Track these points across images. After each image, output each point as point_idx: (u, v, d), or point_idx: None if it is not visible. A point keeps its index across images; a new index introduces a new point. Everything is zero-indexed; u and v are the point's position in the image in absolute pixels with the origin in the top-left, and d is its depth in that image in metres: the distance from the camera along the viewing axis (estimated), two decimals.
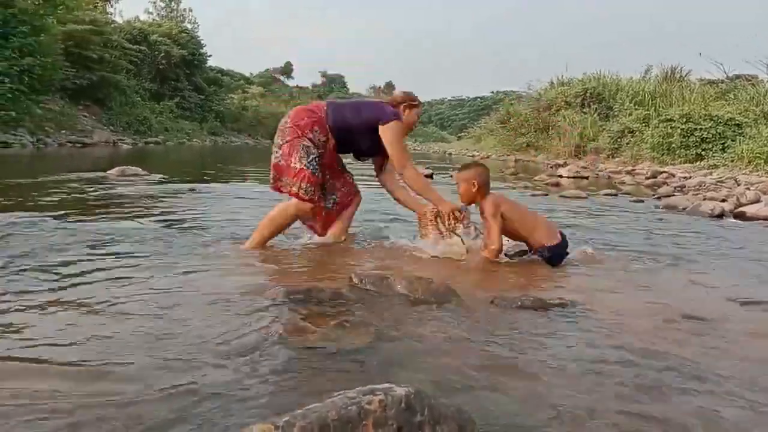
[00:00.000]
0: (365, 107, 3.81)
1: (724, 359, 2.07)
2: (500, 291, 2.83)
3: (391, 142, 3.69)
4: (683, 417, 1.60)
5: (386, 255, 3.64)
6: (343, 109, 3.78)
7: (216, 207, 5.76)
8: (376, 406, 1.28)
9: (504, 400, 1.64)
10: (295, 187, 3.64)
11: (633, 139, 17.80)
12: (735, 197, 7.56)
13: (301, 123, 3.69)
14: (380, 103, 3.85)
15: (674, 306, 2.69)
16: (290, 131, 3.68)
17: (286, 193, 3.72)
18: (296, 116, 3.74)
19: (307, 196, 3.64)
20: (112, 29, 31.60)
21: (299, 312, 2.35)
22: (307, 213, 3.73)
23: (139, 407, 1.51)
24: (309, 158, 3.64)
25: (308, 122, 3.69)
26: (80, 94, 27.15)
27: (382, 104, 3.82)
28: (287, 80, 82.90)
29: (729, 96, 18.55)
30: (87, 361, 1.80)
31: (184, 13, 49.79)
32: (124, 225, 4.37)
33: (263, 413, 1.46)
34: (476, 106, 64.75)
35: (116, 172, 8.95)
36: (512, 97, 32.14)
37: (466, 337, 2.20)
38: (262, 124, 49.19)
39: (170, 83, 37.31)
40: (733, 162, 12.98)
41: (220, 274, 2.97)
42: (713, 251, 4.25)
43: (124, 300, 2.45)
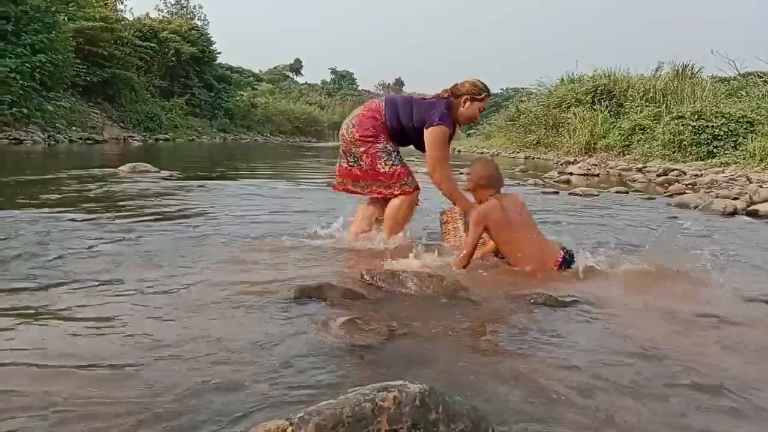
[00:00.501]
0: (417, 108, 3.75)
1: (737, 357, 2.06)
2: (512, 289, 2.82)
3: (429, 144, 3.69)
4: (695, 416, 1.59)
5: (399, 253, 3.64)
6: (397, 110, 3.77)
7: (226, 204, 5.77)
8: (391, 403, 1.28)
9: (518, 398, 1.64)
10: (398, 188, 3.78)
11: (644, 136, 17.69)
12: (747, 195, 7.50)
13: (368, 133, 3.77)
14: (434, 102, 3.77)
15: (689, 305, 2.67)
16: (361, 143, 3.77)
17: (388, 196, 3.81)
18: (361, 126, 3.80)
19: (411, 187, 3.80)
20: (123, 26, 31.66)
21: (311, 309, 2.35)
22: (416, 203, 3.87)
23: (153, 402, 1.51)
24: (392, 157, 3.76)
25: (373, 132, 3.76)
26: (91, 91, 27.24)
27: (434, 103, 3.75)
28: (296, 77, 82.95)
29: (741, 93, 18.40)
30: (105, 358, 1.80)
31: (194, 10, 49.93)
32: (136, 222, 4.38)
33: (278, 409, 1.46)
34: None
35: (127, 169, 8.98)
36: (522, 94, 32.03)
37: (479, 334, 2.20)
38: (272, 121, 49.27)
39: (180, 80, 37.38)
40: (744, 160, 12.87)
41: (232, 272, 2.97)
42: (727, 249, 4.21)
43: (136, 297, 2.46)
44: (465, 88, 3.75)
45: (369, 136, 3.75)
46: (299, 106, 57.11)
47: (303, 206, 5.81)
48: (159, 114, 31.91)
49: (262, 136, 44.50)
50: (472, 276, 3.11)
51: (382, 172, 3.75)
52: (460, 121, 3.84)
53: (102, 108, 27.76)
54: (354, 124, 3.82)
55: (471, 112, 3.77)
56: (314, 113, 58.60)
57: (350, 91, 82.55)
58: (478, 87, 3.76)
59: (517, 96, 34.45)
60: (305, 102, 61.60)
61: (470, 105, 3.75)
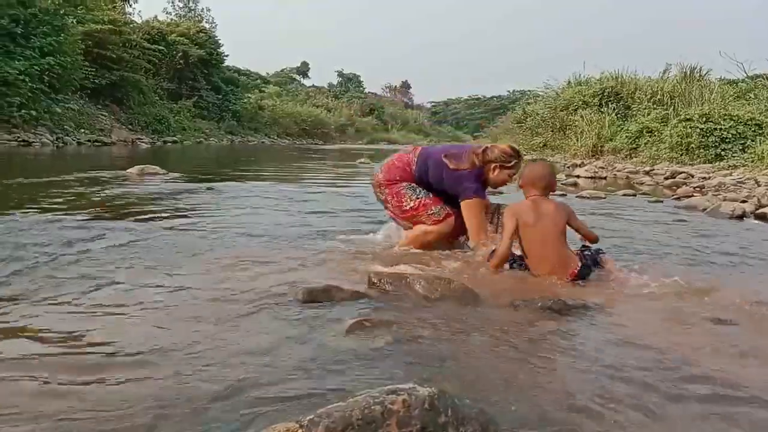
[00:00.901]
0: (448, 177, 3.67)
1: (745, 363, 2.05)
2: (521, 292, 2.82)
3: (469, 218, 3.64)
4: (701, 421, 1.59)
5: (405, 255, 3.64)
6: (428, 170, 3.75)
7: (234, 206, 5.79)
8: (400, 406, 1.28)
9: (526, 402, 1.64)
10: (426, 218, 3.74)
11: (651, 138, 17.61)
12: (756, 198, 7.46)
13: (394, 178, 3.80)
14: (465, 174, 3.64)
15: (699, 310, 2.66)
16: (387, 186, 3.80)
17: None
18: (388, 172, 3.82)
19: (440, 216, 3.73)
20: (131, 29, 31.86)
21: (319, 311, 2.36)
22: (449, 228, 3.75)
23: (163, 406, 1.52)
24: (416, 192, 3.75)
25: (400, 178, 3.79)
26: (99, 94, 27.42)
27: (465, 176, 3.64)
28: (303, 79, 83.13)
29: (749, 95, 18.31)
30: (116, 361, 1.82)
31: (202, 12, 50.18)
32: (143, 225, 4.41)
33: (287, 412, 1.47)
34: (492, 106, 64.50)
35: (136, 171, 9.03)
36: (529, 97, 31.98)
37: (487, 337, 2.20)
38: (279, 123, 49.36)
39: (188, 83, 37.54)
40: (753, 162, 12.79)
41: (240, 275, 2.98)
42: (737, 253, 4.19)
43: (142, 301, 2.48)
44: (494, 154, 3.65)
45: (394, 180, 3.79)
46: (306, 109, 57.18)
47: (311, 208, 5.82)
48: (167, 116, 32.06)
49: (269, 139, 44.59)
50: (481, 279, 3.11)
51: (408, 209, 3.74)
52: (490, 185, 3.78)
53: (110, 110, 27.92)
54: (381, 170, 3.87)
55: (501, 178, 3.70)
56: (321, 116, 58.65)
57: (357, 93, 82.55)
58: (507, 154, 3.67)
59: (523, 98, 34.36)
60: (312, 104, 61.67)
61: (499, 172, 3.66)
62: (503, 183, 3.77)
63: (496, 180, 3.70)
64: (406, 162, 3.82)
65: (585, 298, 2.72)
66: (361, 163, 16.41)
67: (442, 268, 3.28)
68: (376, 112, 77.38)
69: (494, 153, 3.65)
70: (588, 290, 2.98)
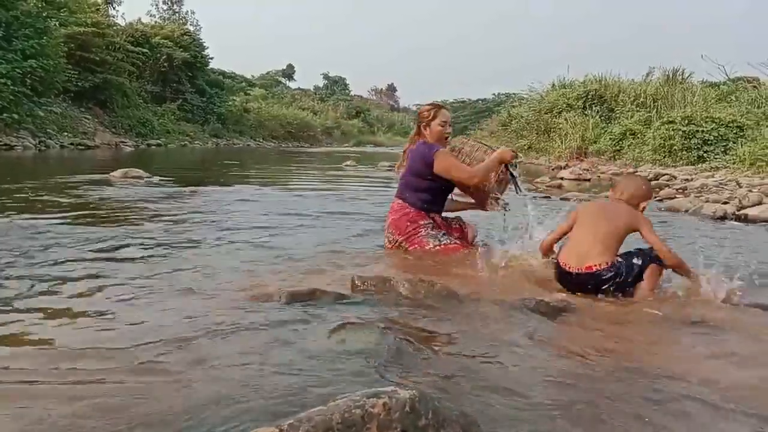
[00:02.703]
0: (414, 164, 3.80)
1: (722, 365, 2.07)
2: (503, 293, 2.83)
3: (447, 171, 3.71)
4: (679, 423, 1.60)
5: (389, 258, 3.65)
6: (409, 186, 3.83)
7: (217, 209, 5.77)
8: (381, 410, 1.28)
9: (508, 404, 1.64)
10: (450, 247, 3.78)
11: (635, 141, 17.77)
12: (737, 199, 7.55)
13: (409, 230, 3.78)
14: (415, 147, 3.85)
15: (678, 312, 2.69)
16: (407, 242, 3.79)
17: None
18: (398, 228, 3.81)
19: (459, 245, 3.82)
20: (115, 31, 31.54)
21: (302, 314, 2.35)
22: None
23: (141, 409, 1.51)
24: (437, 238, 3.77)
25: (414, 227, 3.78)
26: (82, 97, 27.14)
27: (417, 146, 3.83)
28: (289, 82, 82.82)
29: (730, 98, 18.52)
30: (89, 367, 1.80)
31: (187, 15, 49.92)
32: (127, 228, 4.38)
33: (267, 416, 1.46)
34: (478, 108, 64.64)
35: (119, 175, 8.96)
36: (514, 99, 32.11)
37: (470, 339, 2.20)
38: (264, 126, 49.13)
39: (172, 85, 37.25)
40: (734, 164, 12.94)
41: (224, 278, 2.97)
42: (717, 254, 4.23)
43: (131, 301, 2.46)
44: (418, 119, 3.93)
45: (410, 232, 3.78)
46: (292, 111, 56.95)
47: (294, 211, 5.81)
48: (151, 119, 31.82)
49: (255, 141, 44.36)
50: (465, 281, 3.12)
51: (434, 251, 3.73)
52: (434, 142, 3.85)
53: (93, 113, 27.66)
54: (393, 231, 3.84)
55: (435, 130, 3.84)
56: (307, 118, 58.44)
57: (343, 96, 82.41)
58: (426, 110, 3.89)
59: (508, 101, 34.51)
60: (298, 107, 61.42)
61: (429, 129, 3.84)
62: (441, 134, 3.86)
63: (433, 135, 3.83)
64: (399, 209, 3.83)
65: (567, 300, 2.73)
66: (347, 166, 16.40)
67: (426, 270, 3.28)
68: (362, 114, 77.35)
69: (418, 119, 3.93)
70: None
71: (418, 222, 3.78)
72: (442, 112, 3.87)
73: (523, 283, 3.13)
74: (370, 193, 8.40)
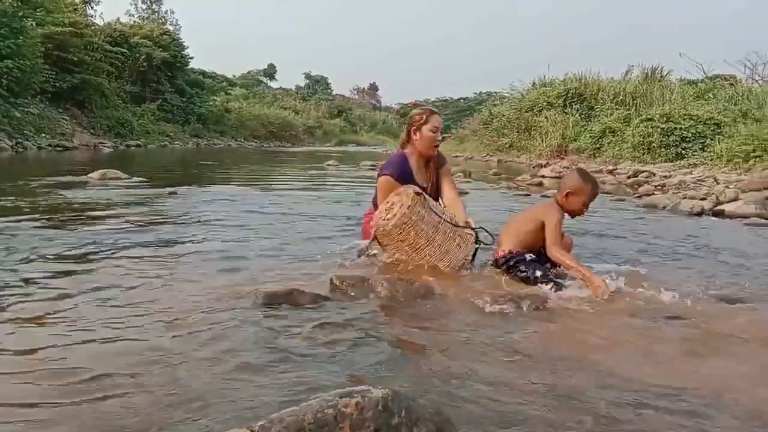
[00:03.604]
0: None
1: (696, 361, 2.10)
2: (481, 291, 2.84)
3: (378, 197, 3.61)
4: (650, 421, 1.62)
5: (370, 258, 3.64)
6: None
7: (196, 211, 5.72)
8: (353, 409, 1.28)
9: (483, 402, 1.65)
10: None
11: (614, 138, 17.92)
12: (714, 195, 7.64)
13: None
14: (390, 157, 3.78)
15: (652, 306, 2.71)
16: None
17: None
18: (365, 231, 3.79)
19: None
20: (93, 31, 31.15)
21: (279, 315, 2.34)
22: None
23: (114, 413, 1.50)
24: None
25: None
26: (60, 97, 26.80)
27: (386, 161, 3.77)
28: (270, 82, 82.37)
29: (708, 95, 18.74)
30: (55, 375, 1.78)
31: (166, 15, 49.46)
32: (100, 231, 4.33)
33: (240, 417, 1.45)
34: (460, 107, 64.80)
35: (97, 176, 8.86)
36: (495, 98, 32.24)
37: (447, 338, 2.21)
38: (246, 126, 48.87)
39: (151, 85, 36.90)
40: (712, 161, 13.10)
41: (200, 280, 2.95)
42: (692, 250, 4.29)
43: (99, 308, 2.43)
44: (409, 123, 3.75)
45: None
46: (273, 111, 56.66)
47: (274, 211, 5.79)
48: (130, 120, 31.52)
49: (236, 141, 44.10)
50: (444, 280, 3.12)
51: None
52: (424, 152, 3.71)
53: (72, 114, 27.34)
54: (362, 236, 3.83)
55: (425, 136, 3.66)
56: (288, 118, 58.17)
57: (325, 95, 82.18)
58: (414, 116, 3.74)
59: (490, 100, 34.66)
60: (279, 106, 61.12)
61: (420, 134, 3.67)
62: (432, 141, 3.67)
63: (423, 141, 3.65)
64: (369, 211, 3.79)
65: (542, 298, 2.74)
66: (329, 165, 16.37)
67: (405, 270, 3.28)
68: (344, 114, 77.20)
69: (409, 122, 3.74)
70: (546, 287, 3.00)
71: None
72: (434, 118, 3.70)
73: (501, 281, 3.14)
74: (351, 193, 8.39)
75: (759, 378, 1.94)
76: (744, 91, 17.41)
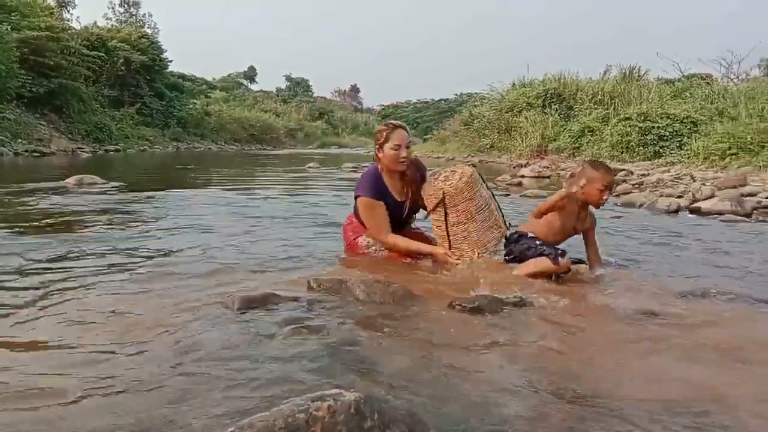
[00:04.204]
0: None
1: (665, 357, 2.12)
2: (459, 291, 2.84)
3: (363, 218, 3.59)
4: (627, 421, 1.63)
5: (348, 260, 3.64)
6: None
7: (172, 215, 5.68)
8: (325, 413, 1.27)
9: (457, 402, 1.65)
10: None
11: (593, 138, 18.07)
12: (691, 193, 7.73)
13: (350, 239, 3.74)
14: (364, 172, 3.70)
15: (630, 304, 2.73)
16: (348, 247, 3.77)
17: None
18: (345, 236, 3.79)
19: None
20: (70, 35, 30.81)
21: (254, 319, 2.33)
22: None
23: (85, 419, 1.48)
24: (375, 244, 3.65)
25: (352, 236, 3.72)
26: (37, 102, 26.46)
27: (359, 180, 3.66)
28: (251, 84, 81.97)
29: (685, 94, 18.96)
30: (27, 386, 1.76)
31: (144, 18, 49.02)
32: (75, 237, 4.28)
33: (210, 424, 1.44)
34: (440, 109, 64.99)
35: (73, 181, 8.76)
36: (476, 99, 32.36)
37: (423, 340, 2.21)
38: (226, 129, 48.61)
39: (130, 89, 36.58)
40: (689, 159, 13.26)
41: (176, 285, 2.92)
42: (668, 248, 4.33)
43: (72, 313, 2.40)
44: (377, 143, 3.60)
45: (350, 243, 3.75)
46: (254, 114, 56.42)
47: (252, 215, 5.76)
48: (109, 124, 31.23)
49: (216, 145, 43.84)
50: (421, 281, 3.12)
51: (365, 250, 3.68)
52: (391, 168, 3.56)
53: (49, 119, 27.02)
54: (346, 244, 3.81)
55: (388, 154, 3.50)
56: (269, 120, 57.92)
57: (306, 97, 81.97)
58: (376, 133, 3.65)
59: (470, 101, 34.78)
60: (260, 109, 60.88)
61: (384, 149, 3.52)
62: (394, 159, 3.50)
63: (387, 158, 3.52)
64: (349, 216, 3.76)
65: (521, 295, 2.74)
66: (310, 168, 16.33)
67: (383, 271, 3.28)
68: (325, 116, 77.09)
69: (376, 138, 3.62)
70: (525, 286, 3.02)
71: (359, 233, 3.69)
72: (396, 134, 3.50)
73: (479, 281, 3.15)
74: (331, 196, 8.38)
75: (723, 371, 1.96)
76: (720, 89, 17.63)
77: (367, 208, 3.54)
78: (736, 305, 2.74)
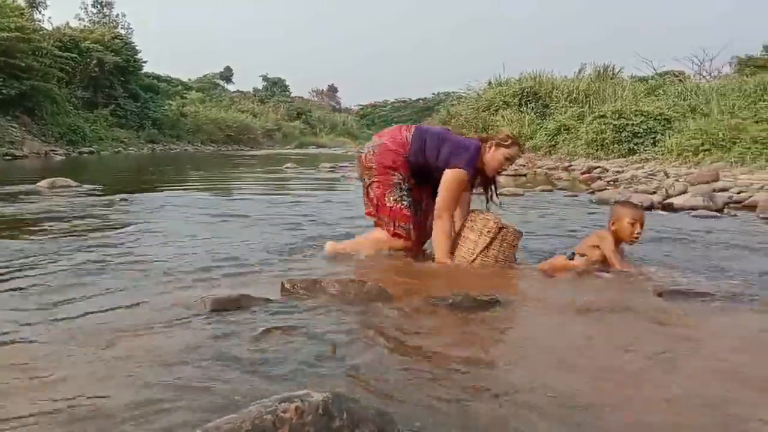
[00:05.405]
0: (446, 146, 3.56)
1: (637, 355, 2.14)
2: (434, 290, 2.85)
3: (443, 184, 3.51)
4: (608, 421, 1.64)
5: (323, 260, 3.63)
6: (425, 145, 3.59)
7: (146, 218, 5.62)
8: (292, 414, 1.26)
9: (427, 402, 1.65)
10: (391, 226, 3.62)
11: (569, 136, 18.26)
12: (664, 189, 7.83)
13: (387, 164, 3.61)
14: (466, 143, 3.60)
15: (603, 301, 2.76)
16: (377, 172, 3.64)
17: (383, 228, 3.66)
18: (383, 157, 3.63)
19: (404, 233, 3.62)
20: (41, 36, 30.38)
21: (226, 321, 2.30)
22: (400, 249, 3.64)
23: (57, 422, 1.45)
24: (403, 197, 3.61)
25: (393, 165, 3.61)
26: (8, 105, 26.06)
27: (466, 145, 3.57)
28: (227, 85, 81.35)
29: (658, 92, 19.23)
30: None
31: (117, 18, 48.42)
32: (43, 242, 4.21)
33: (178, 426, 1.42)
34: (418, 108, 65.21)
35: (46, 185, 8.63)
36: (453, 98, 32.50)
37: (396, 338, 2.20)
38: (202, 130, 48.22)
39: (104, 91, 36.12)
40: (663, 155, 13.45)
41: (146, 285, 2.89)
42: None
43: (43, 319, 2.36)
44: (498, 136, 3.65)
45: (387, 167, 3.62)
46: (231, 114, 55.98)
47: (225, 216, 5.72)
48: (82, 126, 30.85)
49: (193, 146, 43.46)
50: (395, 279, 3.12)
51: (387, 206, 3.61)
52: (487, 171, 3.64)
53: (21, 122, 26.62)
54: (375, 152, 3.67)
55: (497, 158, 3.57)
56: (246, 121, 57.55)
57: (283, 97, 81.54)
58: (506, 135, 3.65)
59: (448, 100, 34.92)
60: (237, 110, 60.46)
61: (495, 151, 3.57)
62: (499, 166, 3.63)
63: (492, 160, 3.58)
64: (400, 143, 3.62)
65: (494, 294, 2.74)
66: (288, 168, 16.28)
67: (358, 270, 3.27)
68: (303, 116, 76.81)
69: (499, 135, 3.65)
70: (500, 284, 3.03)
71: (399, 168, 3.60)
72: (514, 150, 3.63)
73: (455, 279, 3.16)
74: (307, 196, 8.35)
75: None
76: (692, 86, 17.92)
77: (458, 182, 3.51)
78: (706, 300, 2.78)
